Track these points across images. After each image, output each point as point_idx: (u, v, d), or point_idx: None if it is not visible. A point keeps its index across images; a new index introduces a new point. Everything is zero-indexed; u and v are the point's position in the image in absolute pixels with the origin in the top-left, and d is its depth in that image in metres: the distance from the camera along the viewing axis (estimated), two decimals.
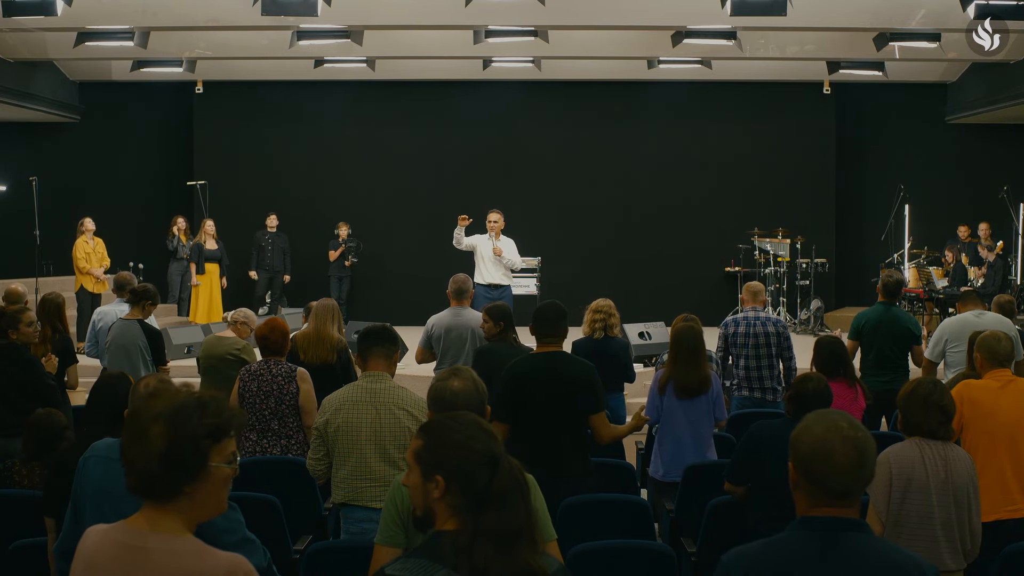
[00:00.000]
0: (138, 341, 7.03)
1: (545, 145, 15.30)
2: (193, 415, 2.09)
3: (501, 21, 11.60)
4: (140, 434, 2.08)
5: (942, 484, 3.74)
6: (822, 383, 4.45)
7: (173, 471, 2.07)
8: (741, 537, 4.17)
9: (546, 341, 4.84)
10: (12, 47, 13.04)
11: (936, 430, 3.84)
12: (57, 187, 14.75)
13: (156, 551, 2.07)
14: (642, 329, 11.15)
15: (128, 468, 2.10)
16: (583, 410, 4.67)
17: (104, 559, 2.11)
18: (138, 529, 2.10)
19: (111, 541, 2.13)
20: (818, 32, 12.74)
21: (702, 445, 5.56)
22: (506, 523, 2.11)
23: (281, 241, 14.30)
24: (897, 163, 15.39)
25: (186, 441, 2.07)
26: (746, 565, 2.29)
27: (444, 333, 6.91)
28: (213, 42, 13.55)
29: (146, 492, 2.10)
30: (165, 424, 2.07)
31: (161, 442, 2.06)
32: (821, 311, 13.93)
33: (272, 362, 5.63)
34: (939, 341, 6.91)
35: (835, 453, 2.25)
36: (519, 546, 2.11)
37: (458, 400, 3.12)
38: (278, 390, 5.52)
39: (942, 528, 3.71)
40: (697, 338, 5.61)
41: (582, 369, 4.74)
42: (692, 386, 5.52)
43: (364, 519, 4.20)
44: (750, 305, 7.24)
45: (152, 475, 2.07)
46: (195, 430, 2.08)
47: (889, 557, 2.27)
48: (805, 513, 2.30)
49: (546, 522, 3.10)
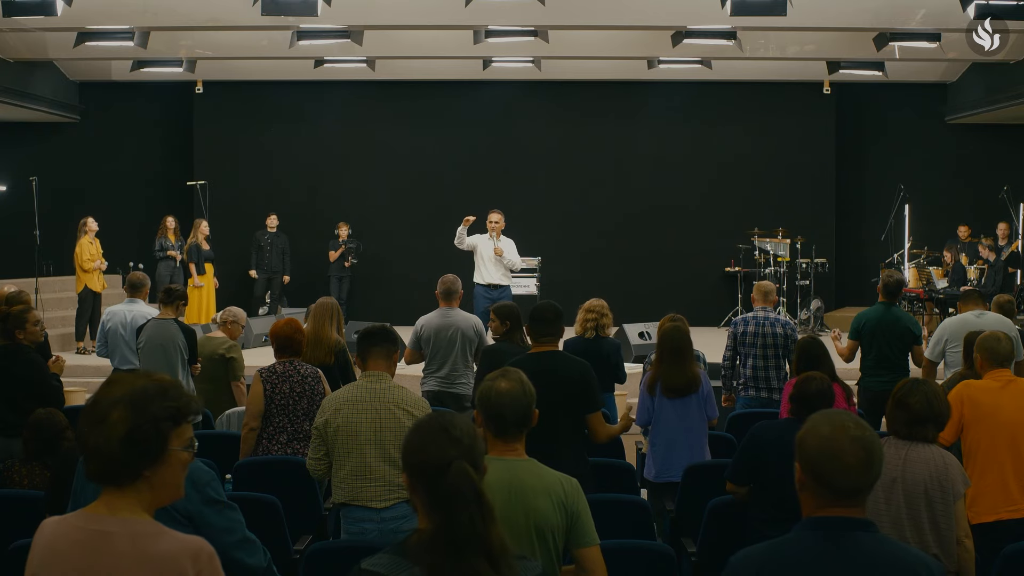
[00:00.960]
0: (177, 340, 7.04)
1: (545, 145, 15.30)
2: (154, 399, 2.11)
3: (501, 21, 11.60)
4: (100, 419, 2.08)
5: (890, 483, 3.68)
6: (824, 383, 4.44)
7: (134, 454, 2.08)
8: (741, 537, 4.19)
9: (542, 340, 4.86)
10: (12, 47, 13.04)
11: (899, 429, 3.80)
12: (57, 187, 14.75)
13: (118, 534, 2.07)
14: (642, 329, 11.16)
15: (89, 454, 2.10)
16: (580, 409, 4.67)
17: (65, 545, 2.11)
18: (98, 514, 2.11)
19: (70, 527, 2.12)
20: (818, 32, 12.74)
21: (695, 444, 5.55)
22: (455, 529, 2.14)
23: (281, 242, 14.29)
24: (897, 163, 15.39)
25: (147, 424, 2.08)
26: (756, 567, 2.28)
27: (433, 334, 6.93)
28: (213, 42, 13.55)
29: (107, 477, 2.10)
30: (125, 408, 2.08)
31: (122, 425, 2.07)
32: (821, 311, 13.94)
33: (297, 363, 5.57)
34: (939, 341, 6.90)
35: (843, 453, 2.25)
36: (469, 555, 2.12)
37: (503, 400, 3.10)
38: (310, 391, 5.46)
39: (892, 527, 3.65)
40: (683, 338, 5.60)
41: (578, 368, 4.74)
42: (680, 386, 5.51)
43: (364, 519, 4.20)
44: (760, 305, 7.23)
45: (114, 459, 2.07)
46: (156, 413, 2.10)
47: (897, 556, 2.27)
48: (812, 513, 2.29)
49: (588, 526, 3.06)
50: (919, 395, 3.84)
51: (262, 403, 5.42)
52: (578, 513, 3.04)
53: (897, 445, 3.78)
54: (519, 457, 3.10)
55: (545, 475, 3.08)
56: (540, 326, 4.87)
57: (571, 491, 3.06)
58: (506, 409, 3.09)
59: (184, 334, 7.10)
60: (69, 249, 12.49)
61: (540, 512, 2.98)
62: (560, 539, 3.02)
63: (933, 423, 3.85)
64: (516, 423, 3.11)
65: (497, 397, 3.12)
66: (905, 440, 3.80)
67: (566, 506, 3.03)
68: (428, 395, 6.87)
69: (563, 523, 3.02)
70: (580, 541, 3.04)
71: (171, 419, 2.12)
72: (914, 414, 3.81)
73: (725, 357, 7.22)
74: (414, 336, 7.03)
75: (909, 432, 3.81)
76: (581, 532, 3.04)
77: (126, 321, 7.66)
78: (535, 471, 3.08)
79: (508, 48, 12.93)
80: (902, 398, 3.86)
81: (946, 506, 3.71)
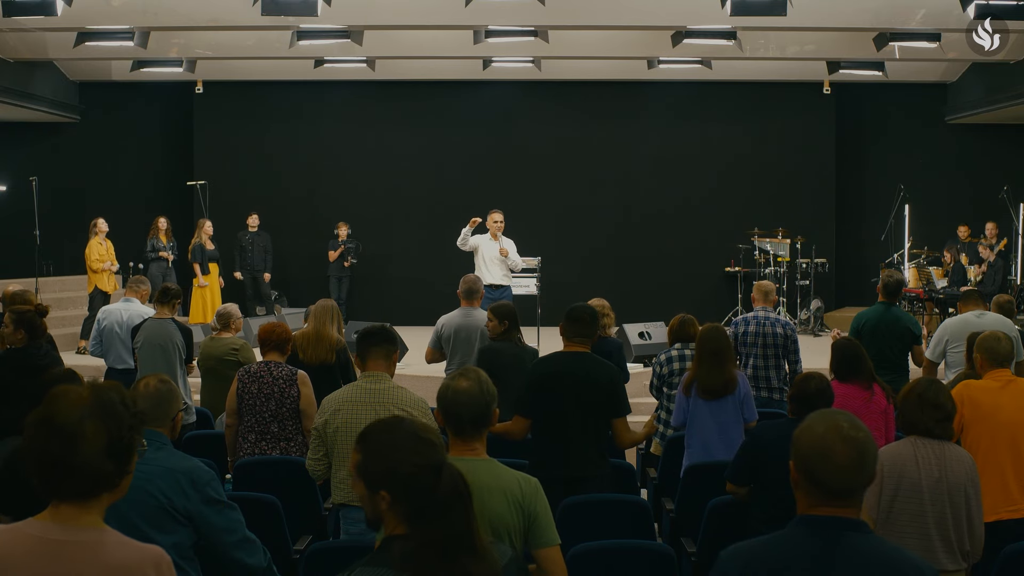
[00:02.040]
0: (175, 339, 7.04)
1: (545, 145, 15.29)
2: (116, 405, 2.11)
3: (501, 21, 11.59)
4: (73, 435, 2.04)
5: (935, 483, 3.73)
6: (823, 382, 4.44)
7: (120, 462, 2.08)
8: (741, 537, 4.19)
9: (576, 341, 4.87)
10: (12, 47, 13.03)
11: (933, 428, 3.83)
12: (57, 187, 14.75)
13: (77, 543, 2.04)
14: (642, 329, 11.16)
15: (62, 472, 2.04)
16: (606, 412, 4.68)
17: (20, 555, 2.03)
18: (56, 523, 2.06)
19: (25, 536, 2.06)
20: (818, 32, 12.73)
21: (731, 446, 5.50)
22: (448, 531, 2.14)
23: (262, 240, 14.19)
24: (897, 163, 15.39)
25: (124, 432, 2.09)
26: (743, 562, 2.29)
27: (453, 333, 6.91)
28: (213, 42, 13.55)
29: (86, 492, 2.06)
30: (97, 421, 2.06)
31: (102, 438, 2.05)
32: (821, 311, 13.94)
33: (272, 364, 5.60)
34: (940, 341, 6.90)
35: (835, 453, 2.25)
36: (461, 554, 2.13)
37: (459, 399, 3.11)
38: (279, 393, 5.49)
39: (936, 527, 3.69)
40: (722, 339, 5.55)
41: (608, 372, 4.78)
42: (715, 387, 5.46)
43: (363, 519, 4.18)
44: (760, 305, 7.22)
45: (103, 471, 2.05)
46: (126, 419, 2.10)
47: (888, 557, 2.27)
48: (805, 512, 2.30)
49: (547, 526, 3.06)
50: (947, 394, 3.91)
51: (235, 401, 5.54)
52: (536, 513, 3.03)
53: (931, 444, 3.80)
54: (477, 456, 3.10)
55: (502, 475, 3.07)
56: (576, 326, 4.87)
57: (529, 491, 3.05)
58: (463, 408, 3.09)
59: (182, 333, 7.10)
60: (69, 249, 12.51)
61: (495, 512, 2.97)
62: (518, 539, 3.01)
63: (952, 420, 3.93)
64: (473, 422, 3.10)
65: (455, 395, 3.12)
66: (934, 438, 3.82)
67: (523, 506, 3.01)
68: None
69: (520, 523, 3.01)
70: (539, 541, 3.03)
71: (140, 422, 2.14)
72: (947, 413, 3.86)
73: None
74: (435, 335, 7.02)
75: (942, 431, 3.84)
76: (540, 532, 3.03)
77: (122, 320, 7.66)
78: (492, 471, 3.07)
79: (508, 48, 12.93)
80: (932, 398, 3.86)
81: (979, 501, 3.80)
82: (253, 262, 14.10)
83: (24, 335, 5.88)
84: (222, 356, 6.88)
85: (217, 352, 6.93)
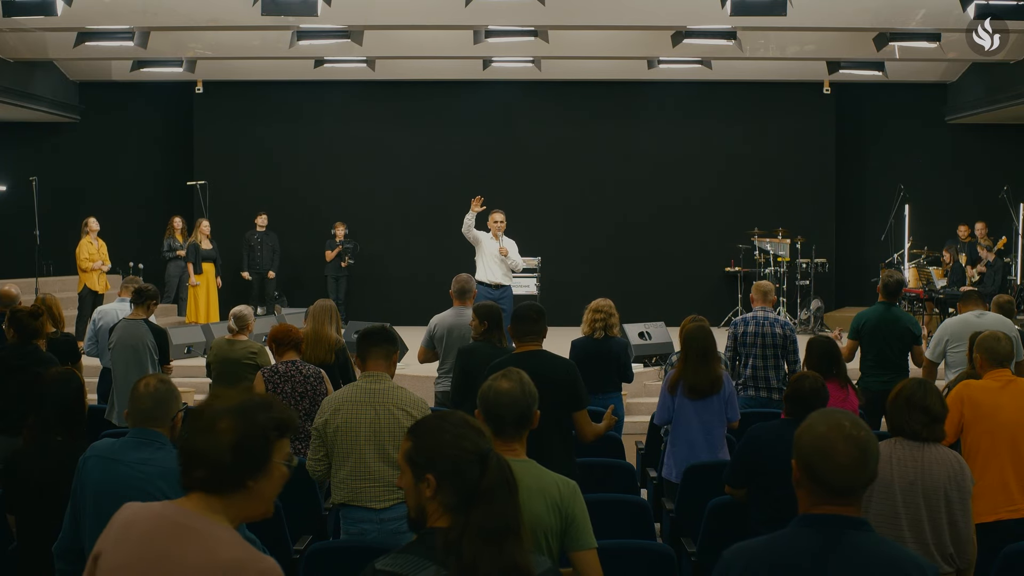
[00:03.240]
0: (146, 340, 7.02)
1: (545, 145, 15.29)
2: (260, 410, 2.16)
3: (501, 21, 11.60)
4: (207, 427, 2.12)
5: (909, 485, 3.67)
6: (818, 382, 4.44)
7: (243, 462, 2.12)
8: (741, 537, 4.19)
9: (526, 340, 4.84)
10: (12, 47, 13.03)
11: (919, 432, 3.79)
12: (57, 187, 14.75)
13: (203, 533, 2.09)
14: (642, 329, 11.15)
15: (195, 461, 2.13)
16: (567, 408, 4.66)
17: (144, 529, 2.12)
18: (186, 509, 2.13)
19: (154, 514, 2.15)
20: (818, 32, 12.73)
21: (715, 446, 5.53)
22: (495, 519, 2.14)
23: (271, 240, 14.23)
24: (897, 163, 15.39)
25: (256, 433, 2.13)
26: (746, 561, 2.30)
27: (446, 333, 6.89)
28: (213, 42, 13.55)
29: (210, 485, 2.13)
30: (234, 418, 2.13)
31: (231, 435, 2.11)
32: (821, 311, 13.94)
33: (299, 363, 5.64)
34: (940, 341, 6.90)
35: (836, 452, 2.25)
36: (508, 543, 2.13)
37: (502, 400, 3.10)
38: (312, 391, 5.52)
39: (910, 529, 3.64)
40: (707, 338, 5.57)
41: (563, 367, 4.72)
42: (702, 387, 5.48)
43: (363, 519, 4.20)
44: (759, 305, 7.22)
45: (223, 466, 2.11)
46: (263, 423, 2.14)
47: (889, 555, 2.27)
48: (807, 511, 2.30)
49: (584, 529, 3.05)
50: (935, 396, 3.85)
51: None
52: (574, 516, 3.03)
53: (910, 446, 3.75)
54: (517, 457, 3.10)
55: (542, 476, 3.08)
56: (523, 325, 4.84)
57: (567, 494, 3.05)
58: (504, 409, 3.09)
59: (153, 334, 7.08)
60: (69, 249, 12.51)
61: (534, 514, 2.97)
62: (555, 542, 3.01)
63: (942, 423, 3.87)
64: (514, 423, 3.11)
65: (496, 396, 3.12)
66: (919, 441, 3.78)
67: (561, 508, 3.02)
68: (442, 395, 6.84)
69: (558, 525, 3.01)
70: (576, 544, 3.03)
71: (277, 430, 2.16)
72: (933, 415, 3.81)
73: (725, 358, 7.21)
74: (427, 335, 7.00)
75: (929, 433, 3.80)
76: (577, 535, 3.03)
77: (116, 320, 7.65)
78: (532, 472, 3.07)
79: (508, 48, 12.93)
80: (919, 400, 3.82)
81: (964, 506, 3.72)
82: (262, 262, 14.12)
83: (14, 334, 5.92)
84: (240, 359, 6.74)
85: (235, 355, 6.79)
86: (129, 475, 3.30)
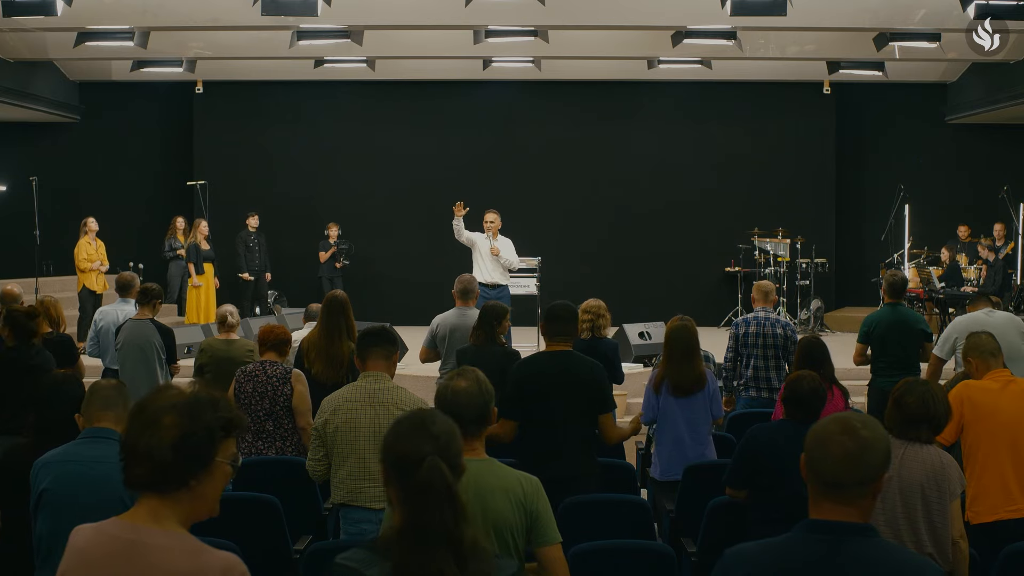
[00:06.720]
0: (153, 340, 7.01)
1: (545, 145, 15.29)
2: (206, 408, 2.11)
3: (501, 21, 11.60)
4: (150, 423, 2.07)
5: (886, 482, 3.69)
6: (816, 382, 4.42)
7: (185, 460, 2.07)
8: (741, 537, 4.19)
9: (557, 340, 4.85)
10: (12, 47, 13.03)
11: (898, 430, 3.81)
12: (57, 187, 14.75)
13: (153, 546, 2.05)
14: (642, 329, 11.15)
15: (136, 458, 2.08)
16: (592, 410, 4.67)
17: (99, 555, 2.09)
18: (134, 523, 2.09)
19: (106, 536, 2.11)
20: (818, 32, 12.73)
21: (701, 443, 5.56)
22: (423, 524, 2.14)
23: (264, 240, 14.25)
24: (897, 163, 15.39)
25: (200, 431, 2.09)
26: (747, 565, 2.28)
27: (449, 333, 6.88)
28: (213, 42, 13.55)
29: (152, 483, 2.08)
30: (178, 414, 2.08)
31: (175, 431, 2.06)
32: (821, 311, 13.94)
33: (268, 363, 5.59)
34: (948, 339, 6.87)
35: (832, 443, 2.24)
36: (436, 551, 2.12)
37: (458, 399, 3.12)
38: (272, 391, 5.49)
39: (886, 526, 3.65)
40: (691, 336, 5.60)
41: (591, 369, 4.76)
42: (687, 384, 5.51)
43: (363, 519, 4.20)
44: (760, 305, 7.20)
45: (164, 463, 2.06)
46: (208, 422, 2.10)
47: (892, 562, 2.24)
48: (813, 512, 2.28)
49: (548, 525, 3.08)
50: (915, 395, 3.85)
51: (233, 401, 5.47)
52: (538, 512, 3.05)
53: (895, 444, 3.77)
54: (478, 456, 3.11)
55: (504, 475, 3.09)
56: (555, 325, 4.85)
57: (530, 490, 3.07)
58: (463, 408, 3.10)
59: (161, 334, 7.07)
60: (69, 249, 12.51)
61: (498, 512, 2.99)
62: (520, 539, 3.03)
63: (927, 424, 3.84)
64: (473, 421, 3.12)
65: (454, 396, 3.14)
66: (901, 440, 3.80)
67: (525, 506, 3.04)
68: None
69: (522, 523, 3.03)
70: (541, 540, 3.06)
71: (223, 429, 2.13)
72: (908, 414, 3.82)
73: (726, 358, 7.21)
74: (429, 335, 6.99)
75: (903, 432, 3.81)
76: (542, 531, 3.06)
77: (117, 321, 7.61)
78: (494, 471, 3.09)
79: (508, 48, 12.93)
80: (899, 397, 3.87)
81: (943, 506, 3.71)
82: (261, 262, 14.11)
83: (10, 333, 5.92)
84: (239, 358, 6.65)
85: (235, 354, 6.73)
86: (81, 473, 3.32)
